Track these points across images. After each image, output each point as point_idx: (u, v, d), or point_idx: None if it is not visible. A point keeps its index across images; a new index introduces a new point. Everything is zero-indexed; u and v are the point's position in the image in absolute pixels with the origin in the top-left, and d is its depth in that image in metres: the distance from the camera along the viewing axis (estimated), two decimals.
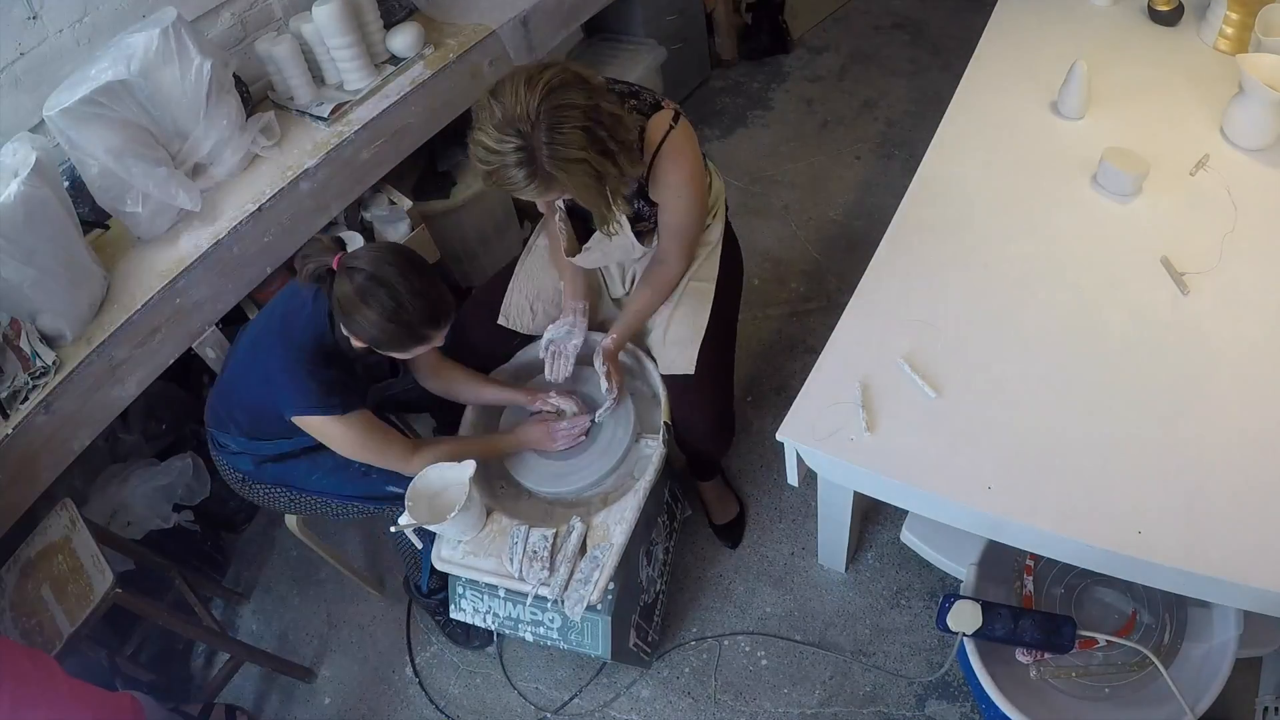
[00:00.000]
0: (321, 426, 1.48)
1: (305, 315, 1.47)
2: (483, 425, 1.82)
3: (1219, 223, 1.56)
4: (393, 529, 1.55)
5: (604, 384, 1.66)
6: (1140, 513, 1.21)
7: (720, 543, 2.05)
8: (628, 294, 1.82)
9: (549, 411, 1.74)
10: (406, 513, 1.53)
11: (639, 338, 1.77)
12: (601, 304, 1.85)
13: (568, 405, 1.71)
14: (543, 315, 1.80)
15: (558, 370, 1.71)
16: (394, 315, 1.36)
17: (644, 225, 1.65)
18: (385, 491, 1.66)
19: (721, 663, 1.87)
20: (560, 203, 1.65)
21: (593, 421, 1.71)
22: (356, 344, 1.45)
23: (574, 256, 1.67)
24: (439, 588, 1.85)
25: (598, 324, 1.80)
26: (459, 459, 1.57)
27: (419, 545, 1.65)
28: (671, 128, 1.48)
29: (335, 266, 1.37)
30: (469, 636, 1.97)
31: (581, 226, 1.67)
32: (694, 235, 1.66)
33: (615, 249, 1.65)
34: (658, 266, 1.69)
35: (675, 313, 1.69)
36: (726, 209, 1.80)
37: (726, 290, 1.74)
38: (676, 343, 1.68)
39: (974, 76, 1.99)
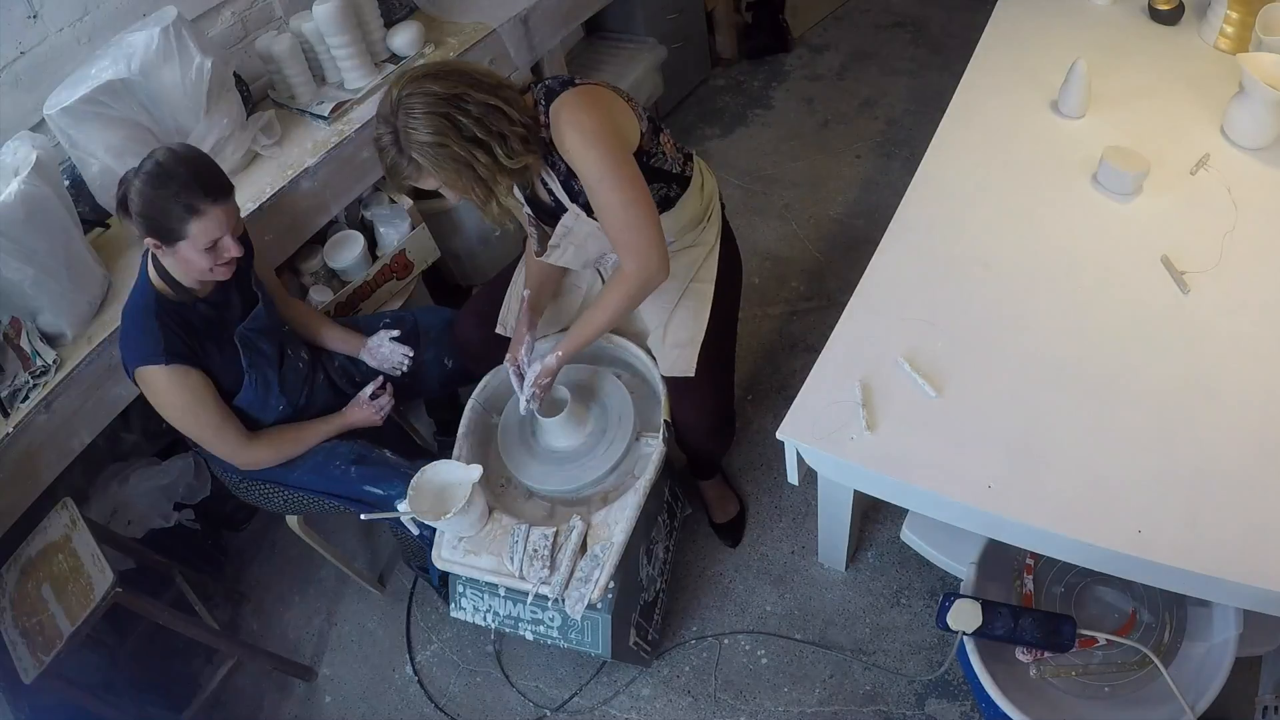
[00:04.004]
0: (149, 379, 1.49)
1: (134, 284, 1.52)
2: (484, 424, 1.82)
3: (1219, 222, 1.56)
4: (363, 517, 1.59)
5: (526, 390, 1.62)
6: (1140, 512, 1.21)
7: (720, 541, 2.05)
8: None
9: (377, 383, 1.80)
10: (407, 502, 1.53)
11: (639, 337, 1.77)
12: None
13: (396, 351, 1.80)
14: (540, 325, 1.79)
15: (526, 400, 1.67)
16: (158, 180, 1.36)
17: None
18: (363, 493, 1.69)
19: (721, 661, 1.87)
20: (526, 207, 1.61)
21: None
22: (169, 265, 1.46)
23: (544, 257, 1.62)
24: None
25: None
26: (298, 444, 1.69)
27: (415, 532, 1.66)
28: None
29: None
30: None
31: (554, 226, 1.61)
32: (633, 218, 1.42)
33: (586, 241, 1.58)
34: (614, 276, 1.53)
35: (675, 314, 1.69)
36: (724, 208, 1.79)
37: (726, 290, 1.73)
38: (677, 345, 1.67)
39: (974, 75, 1.99)
